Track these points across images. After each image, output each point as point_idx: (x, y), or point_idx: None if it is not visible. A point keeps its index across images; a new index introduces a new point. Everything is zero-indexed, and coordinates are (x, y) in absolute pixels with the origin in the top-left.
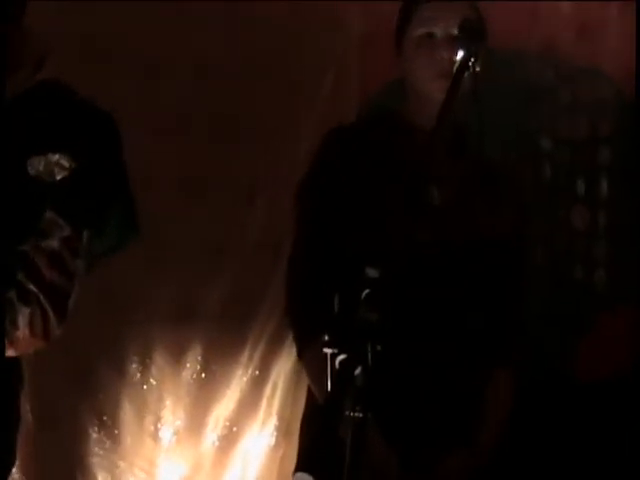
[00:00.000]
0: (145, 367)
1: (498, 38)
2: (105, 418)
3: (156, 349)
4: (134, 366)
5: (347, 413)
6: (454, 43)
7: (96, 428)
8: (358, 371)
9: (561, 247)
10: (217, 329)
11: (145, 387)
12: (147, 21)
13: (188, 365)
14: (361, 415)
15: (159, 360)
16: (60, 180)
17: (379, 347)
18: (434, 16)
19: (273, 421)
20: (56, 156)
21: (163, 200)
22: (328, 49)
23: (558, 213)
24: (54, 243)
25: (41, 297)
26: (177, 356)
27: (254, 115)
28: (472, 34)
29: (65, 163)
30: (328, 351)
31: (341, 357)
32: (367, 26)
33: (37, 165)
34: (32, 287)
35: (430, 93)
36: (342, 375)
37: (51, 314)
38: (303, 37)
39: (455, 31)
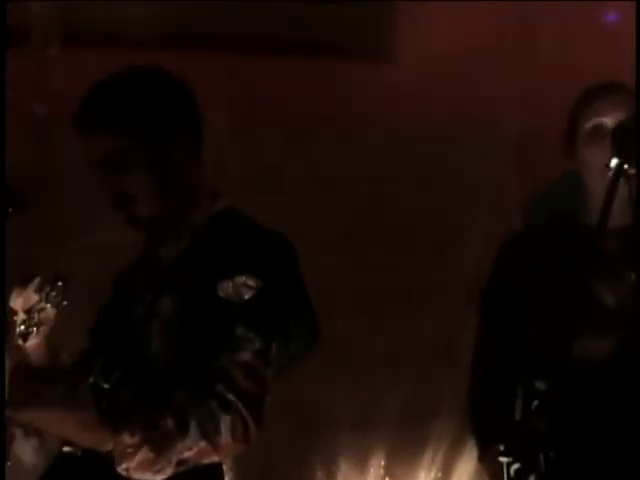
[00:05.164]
0: (330, 473)
1: None
2: None
3: (341, 456)
4: (319, 473)
5: None
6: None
7: None
8: (532, 479)
9: None
10: (398, 434)
11: None
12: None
13: (372, 470)
14: None
15: (344, 466)
16: (247, 299)
17: (552, 455)
18: (604, 108)
19: None
20: (242, 278)
21: (338, 312)
22: (487, 153)
23: None
24: (247, 356)
25: (239, 405)
26: (361, 462)
27: (418, 226)
28: (626, 139)
29: (251, 283)
30: (504, 460)
31: (516, 466)
32: (524, 128)
33: (226, 288)
34: (231, 397)
35: (603, 184)
36: None
37: (250, 421)
38: (463, 143)
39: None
